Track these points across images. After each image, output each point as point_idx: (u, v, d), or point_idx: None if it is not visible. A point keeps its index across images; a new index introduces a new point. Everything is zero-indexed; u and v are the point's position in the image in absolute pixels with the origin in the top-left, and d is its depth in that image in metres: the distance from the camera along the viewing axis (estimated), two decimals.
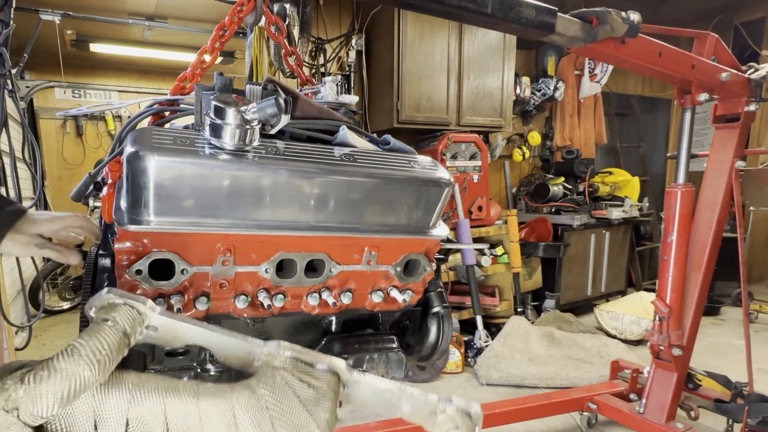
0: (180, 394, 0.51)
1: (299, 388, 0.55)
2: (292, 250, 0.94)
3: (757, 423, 2.34)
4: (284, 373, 0.56)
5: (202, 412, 0.51)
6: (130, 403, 0.49)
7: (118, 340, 0.50)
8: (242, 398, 0.52)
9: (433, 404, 0.62)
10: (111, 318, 0.52)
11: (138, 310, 0.54)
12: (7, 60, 2.70)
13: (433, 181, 1.00)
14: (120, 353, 0.50)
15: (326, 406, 0.55)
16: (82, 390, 0.45)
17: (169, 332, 0.57)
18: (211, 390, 0.53)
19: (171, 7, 4.43)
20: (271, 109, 0.80)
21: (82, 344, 0.47)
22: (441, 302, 1.23)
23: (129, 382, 0.50)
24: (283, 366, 0.57)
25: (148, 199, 0.79)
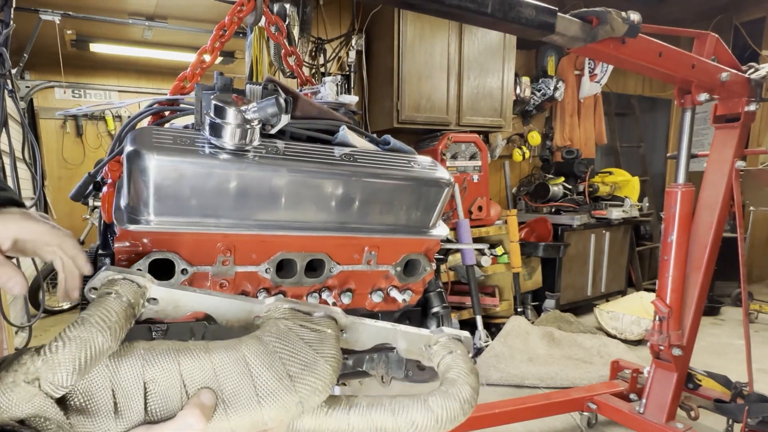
0: (191, 351, 0.53)
1: (302, 332, 0.58)
2: (292, 250, 0.94)
3: (757, 423, 2.34)
4: (286, 322, 0.59)
5: (215, 364, 0.53)
6: (144, 367, 0.50)
7: (124, 309, 0.51)
8: (252, 347, 0.55)
9: (426, 337, 0.68)
10: (113, 291, 0.53)
11: (137, 282, 0.56)
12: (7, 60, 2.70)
13: (433, 181, 1.00)
14: (128, 322, 0.51)
15: (330, 344, 0.59)
16: (97, 356, 0.46)
17: (170, 303, 0.59)
18: (221, 345, 0.55)
19: (171, 7, 4.43)
20: (272, 109, 0.80)
21: (90, 314, 0.48)
22: (441, 302, 1.23)
23: (140, 348, 0.52)
24: (283, 316, 0.60)
25: (148, 198, 0.79)
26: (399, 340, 0.66)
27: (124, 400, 0.49)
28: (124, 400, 0.49)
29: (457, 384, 0.61)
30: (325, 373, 0.56)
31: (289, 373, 0.54)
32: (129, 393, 0.50)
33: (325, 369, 0.56)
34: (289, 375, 0.54)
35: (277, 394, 0.53)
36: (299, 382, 0.54)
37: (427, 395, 0.60)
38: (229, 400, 0.52)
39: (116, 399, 0.49)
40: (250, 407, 0.52)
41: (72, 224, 5.71)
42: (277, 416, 0.53)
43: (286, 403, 0.53)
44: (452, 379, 0.62)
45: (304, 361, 0.55)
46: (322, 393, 0.56)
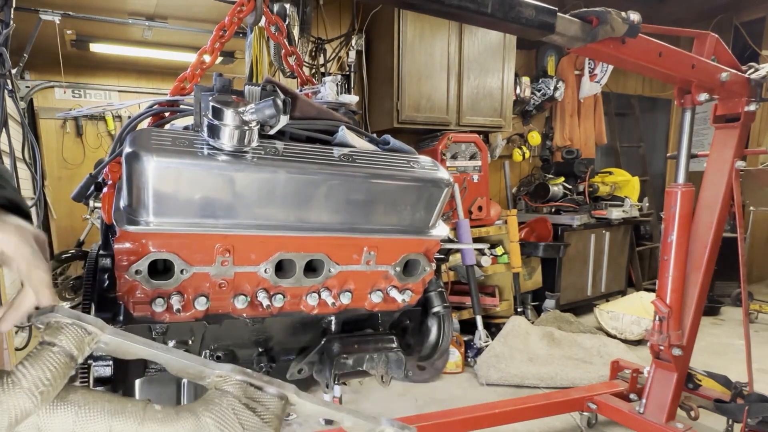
0: (126, 417, 0.52)
1: (244, 416, 0.57)
2: (291, 251, 0.94)
3: (757, 423, 2.33)
4: (231, 399, 0.57)
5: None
6: (75, 423, 0.50)
7: (63, 365, 0.50)
8: (186, 426, 0.54)
9: (370, 425, 0.67)
10: (56, 342, 0.51)
11: (86, 329, 0.54)
12: (7, 60, 2.70)
13: (433, 181, 1.00)
14: (65, 377, 0.50)
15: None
16: (23, 419, 0.46)
17: (120, 349, 0.58)
18: (158, 416, 0.53)
19: (171, 7, 4.42)
20: (269, 110, 0.80)
21: (24, 374, 0.47)
22: (441, 302, 1.23)
23: (75, 402, 0.51)
24: (232, 390, 0.58)
25: (147, 199, 0.79)
26: (345, 420, 0.66)
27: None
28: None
29: None
30: None
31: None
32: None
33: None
34: None
35: None
36: None
37: None
38: None
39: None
40: None
41: (72, 224, 5.71)
42: None
43: None
44: None
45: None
46: None
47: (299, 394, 0.63)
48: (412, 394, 3.36)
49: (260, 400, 0.59)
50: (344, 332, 1.14)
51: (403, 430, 0.67)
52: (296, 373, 1.08)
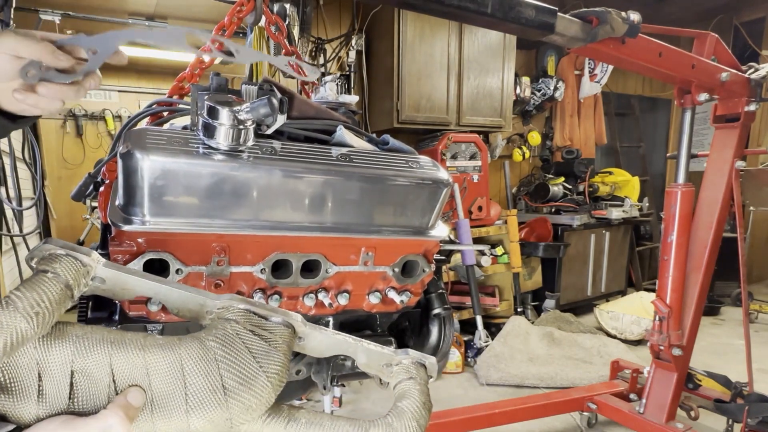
0: (126, 346, 0.50)
1: (250, 340, 0.55)
2: (287, 251, 0.93)
3: (757, 423, 2.33)
4: (235, 326, 0.55)
5: (148, 363, 0.50)
6: (74, 355, 0.48)
7: (59, 292, 0.48)
8: (191, 349, 0.52)
9: (388, 356, 0.64)
10: (51, 269, 0.49)
11: (81, 261, 0.52)
12: None
13: (431, 182, 1.00)
14: (62, 305, 0.49)
15: (277, 359, 0.55)
16: (19, 343, 0.44)
17: (117, 284, 0.56)
18: (159, 342, 0.52)
19: (171, 7, 4.43)
20: (264, 109, 0.80)
21: (19, 296, 0.45)
22: (442, 304, 1.23)
23: (73, 334, 0.49)
24: (235, 318, 0.56)
25: (143, 198, 0.78)
26: (359, 354, 0.64)
27: (49, 385, 0.47)
28: (49, 385, 0.47)
29: (404, 418, 0.58)
30: (263, 390, 0.53)
31: (225, 385, 0.51)
32: (55, 379, 0.48)
33: (263, 386, 0.53)
34: (224, 388, 0.51)
35: (207, 407, 0.50)
36: (233, 397, 0.51)
37: (370, 424, 0.57)
38: (158, 404, 0.50)
39: (41, 382, 0.47)
40: (176, 415, 0.50)
41: (72, 224, 5.71)
42: (203, 429, 0.51)
43: (215, 417, 0.51)
44: (401, 411, 0.59)
45: (243, 375, 0.52)
46: (256, 411, 0.53)
47: (306, 324, 0.61)
48: None
49: (266, 327, 0.57)
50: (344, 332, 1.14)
51: (423, 360, 0.64)
52: (294, 374, 1.08)
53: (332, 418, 0.57)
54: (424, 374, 0.64)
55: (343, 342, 0.63)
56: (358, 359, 0.64)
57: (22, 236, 3.17)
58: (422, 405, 0.60)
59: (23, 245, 3.39)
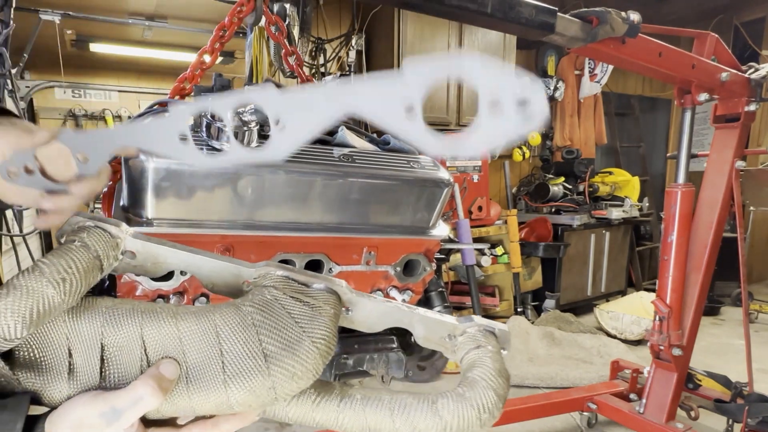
0: (158, 315, 0.47)
1: (291, 305, 0.50)
2: (290, 251, 0.94)
3: (757, 423, 2.33)
4: (274, 291, 0.51)
5: (182, 332, 0.46)
6: (104, 327, 0.45)
7: (87, 260, 0.45)
8: (226, 316, 0.48)
9: (450, 325, 0.57)
10: (79, 239, 0.47)
11: (110, 232, 0.49)
12: (7, 60, 2.70)
13: (432, 182, 1.00)
14: (91, 275, 0.46)
15: (323, 323, 0.50)
16: (47, 310, 0.42)
17: (148, 258, 0.52)
18: (192, 310, 0.48)
19: (171, 7, 4.43)
20: None
21: (45, 263, 0.43)
22: (442, 302, 1.23)
23: (102, 305, 0.47)
24: (273, 285, 0.51)
25: (146, 200, 0.79)
26: (416, 325, 0.56)
27: (80, 360, 0.44)
28: (80, 361, 0.44)
29: (477, 387, 0.51)
30: (308, 356, 0.47)
31: (265, 351, 0.46)
32: (85, 354, 0.45)
33: (309, 351, 0.48)
34: (264, 354, 0.46)
35: (247, 376, 0.46)
36: (275, 363, 0.46)
37: (437, 396, 0.51)
38: (193, 376, 0.46)
39: (72, 359, 0.44)
40: (214, 387, 0.46)
41: None
42: (244, 401, 0.46)
43: (256, 387, 0.46)
44: (473, 381, 0.52)
45: (285, 340, 0.47)
46: (302, 380, 0.48)
47: (353, 291, 0.54)
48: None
49: (308, 293, 0.51)
50: (344, 332, 1.14)
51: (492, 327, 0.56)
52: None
53: (392, 393, 0.52)
54: (495, 342, 0.56)
55: (397, 311, 0.55)
56: (415, 332, 0.56)
57: (22, 236, 3.17)
58: (498, 372, 0.52)
59: (23, 245, 3.39)
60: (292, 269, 0.53)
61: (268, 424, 2.90)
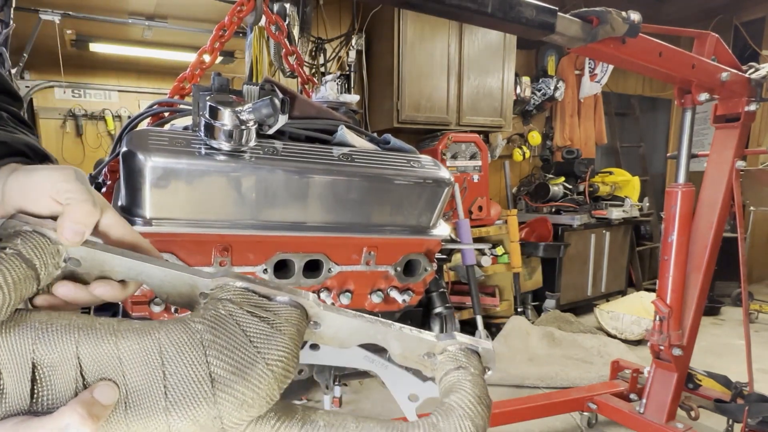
0: (96, 332, 0.42)
1: (247, 321, 0.45)
2: (290, 251, 0.94)
3: (757, 423, 2.33)
4: (229, 305, 0.46)
5: (122, 352, 0.42)
6: (35, 344, 0.40)
7: (20, 270, 0.41)
8: (172, 334, 0.43)
9: (429, 343, 0.51)
10: (11, 245, 0.42)
11: (50, 237, 0.44)
12: (7, 60, 2.70)
13: (433, 181, 1.00)
14: (23, 286, 0.41)
15: (281, 342, 0.45)
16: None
17: (95, 266, 0.47)
18: (135, 326, 0.43)
19: (171, 6, 4.42)
20: (266, 110, 0.80)
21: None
22: (443, 303, 1.23)
23: (35, 320, 0.41)
24: (230, 297, 0.46)
25: (145, 199, 0.78)
26: (392, 342, 0.51)
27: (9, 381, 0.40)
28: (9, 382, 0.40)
29: (453, 416, 0.45)
30: (261, 381, 0.43)
31: (213, 375, 0.42)
32: (15, 374, 0.40)
33: (263, 376, 0.43)
34: (211, 378, 0.42)
35: (190, 403, 0.41)
36: (223, 389, 0.42)
37: (408, 426, 0.46)
38: (133, 401, 0.41)
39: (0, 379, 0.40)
40: (155, 414, 0.41)
41: None
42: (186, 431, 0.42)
43: (200, 416, 0.41)
44: (449, 408, 0.46)
45: (237, 362, 0.43)
46: (253, 408, 0.43)
47: (321, 305, 0.49)
48: None
49: (269, 308, 0.47)
50: None
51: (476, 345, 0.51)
52: (296, 374, 1.08)
53: (358, 420, 0.47)
54: (477, 363, 0.50)
55: (370, 327, 0.50)
56: (391, 349, 0.51)
57: None
58: (476, 399, 0.47)
59: None
60: (252, 280, 0.49)
61: None
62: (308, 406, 0.49)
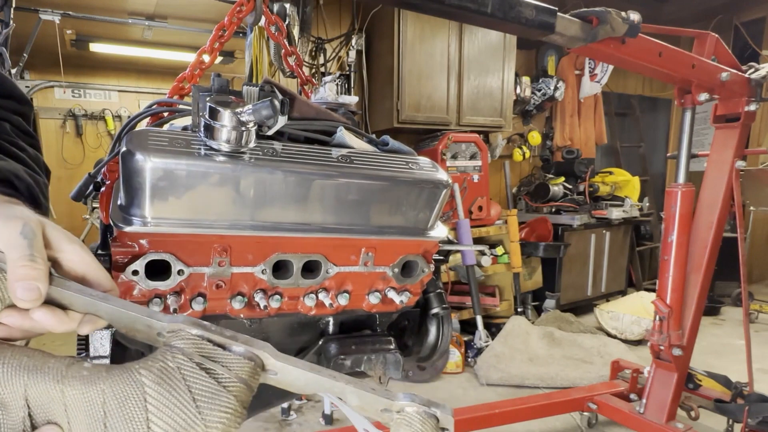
0: (44, 375, 0.42)
1: (195, 376, 0.44)
2: (288, 251, 0.94)
3: (757, 423, 2.33)
4: (179, 357, 0.45)
5: (67, 400, 0.41)
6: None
7: None
8: (117, 386, 0.42)
9: (385, 402, 0.51)
10: None
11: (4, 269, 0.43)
12: (6, 60, 2.70)
13: (430, 183, 1.00)
14: None
15: (225, 404, 0.44)
16: None
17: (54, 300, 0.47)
18: (83, 373, 0.43)
19: (171, 6, 4.43)
20: (266, 111, 0.80)
21: None
22: (440, 303, 1.23)
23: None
24: (182, 346, 0.46)
25: (144, 199, 0.79)
26: (348, 395, 0.51)
27: None
28: None
29: None
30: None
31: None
32: None
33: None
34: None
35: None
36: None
37: None
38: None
39: None
40: None
41: (72, 224, 5.71)
42: None
43: None
44: None
45: (176, 423, 0.42)
46: None
47: (278, 356, 0.49)
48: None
49: (220, 360, 0.46)
50: (342, 333, 1.14)
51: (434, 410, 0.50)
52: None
53: None
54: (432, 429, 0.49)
55: (326, 381, 0.50)
56: (348, 401, 0.51)
57: None
58: None
59: None
60: (208, 327, 0.48)
61: (268, 424, 2.90)
62: None
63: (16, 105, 0.68)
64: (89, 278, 0.50)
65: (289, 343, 1.13)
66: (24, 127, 0.69)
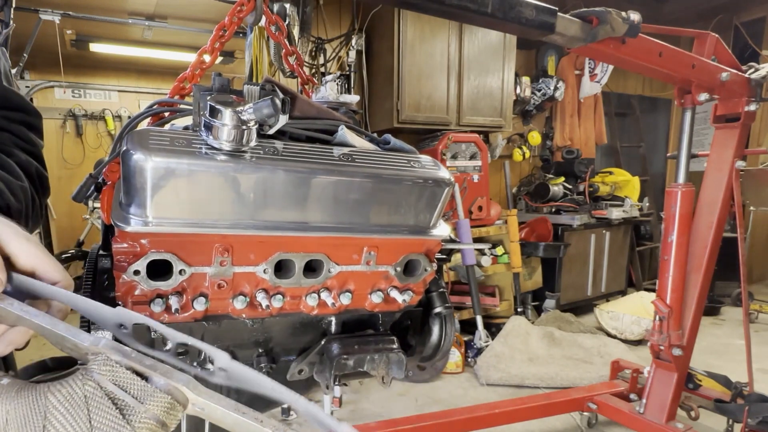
0: None
1: (100, 409, 0.42)
2: (290, 251, 0.93)
3: (757, 423, 2.33)
4: (90, 386, 0.42)
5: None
6: None
7: None
8: (20, 408, 0.41)
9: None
10: None
11: None
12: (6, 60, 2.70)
13: (433, 181, 1.00)
14: None
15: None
16: None
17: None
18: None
19: (171, 6, 4.43)
20: (267, 110, 0.80)
21: None
22: (443, 303, 1.23)
23: None
24: (97, 373, 0.43)
25: (146, 199, 0.78)
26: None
27: None
28: None
29: None
30: None
31: None
32: None
33: None
34: None
35: None
36: None
37: None
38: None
39: None
40: None
41: (72, 224, 5.72)
42: None
43: None
44: None
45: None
46: None
47: (200, 392, 0.45)
48: (412, 394, 3.35)
49: (135, 392, 0.43)
50: (344, 333, 1.14)
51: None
52: (297, 373, 1.08)
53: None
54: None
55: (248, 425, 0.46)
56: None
57: None
58: None
59: None
60: (129, 354, 0.45)
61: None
62: None
63: (24, 116, 0.73)
64: (39, 271, 0.51)
65: (292, 343, 1.13)
66: (25, 135, 0.74)
